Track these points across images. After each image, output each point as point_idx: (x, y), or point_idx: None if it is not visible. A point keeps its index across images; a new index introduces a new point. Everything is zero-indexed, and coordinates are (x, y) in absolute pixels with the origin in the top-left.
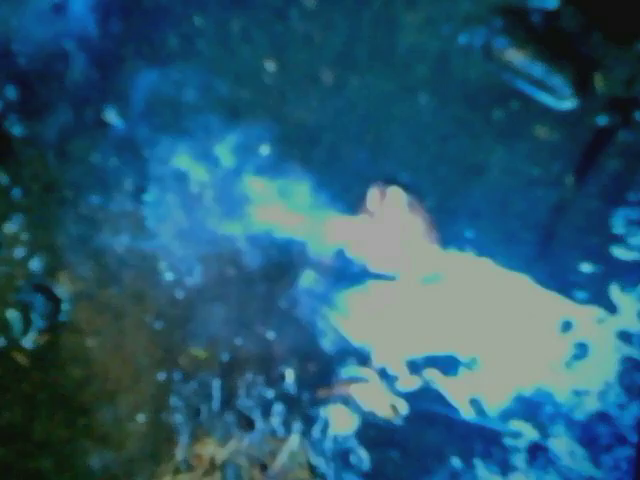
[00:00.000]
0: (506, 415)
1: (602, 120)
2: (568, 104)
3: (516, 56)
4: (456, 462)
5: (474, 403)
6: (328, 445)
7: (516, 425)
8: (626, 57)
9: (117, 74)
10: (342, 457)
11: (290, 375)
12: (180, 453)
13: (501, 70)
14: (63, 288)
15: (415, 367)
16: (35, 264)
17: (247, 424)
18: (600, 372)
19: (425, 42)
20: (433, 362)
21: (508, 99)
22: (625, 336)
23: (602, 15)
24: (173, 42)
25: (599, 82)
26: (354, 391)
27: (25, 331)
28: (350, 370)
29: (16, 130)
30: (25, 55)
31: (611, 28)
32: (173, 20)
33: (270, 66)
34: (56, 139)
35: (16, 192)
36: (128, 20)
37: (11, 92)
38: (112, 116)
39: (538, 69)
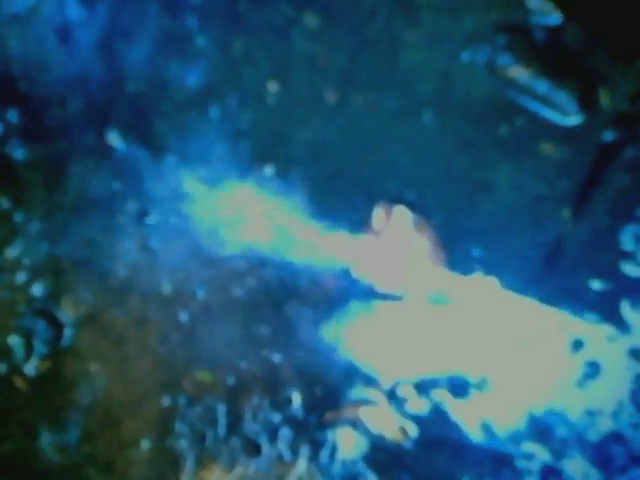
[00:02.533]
0: (517, 437)
1: (608, 136)
2: (573, 120)
3: (520, 73)
4: None
5: (484, 425)
6: (336, 470)
7: (528, 447)
8: (630, 72)
9: (119, 97)
10: None
11: (297, 398)
12: None
13: (505, 87)
14: (65, 313)
15: (424, 389)
16: (37, 289)
17: (253, 449)
18: (613, 391)
19: (428, 60)
20: (442, 383)
21: (513, 116)
22: (637, 354)
23: (605, 31)
24: (176, 63)
25: (604, 98)
26: (362, 414)
27: (27, 357)
28: (358, 392)
29: (18, 154)
30: (27, 78)
31: (614, 44)
32: (176, 42)
33: (273, 87)
34: (58, 162)
35: (18, 216)
36: (130, 43)
37: (13, 115)
38: (114, 139)
39: (542, 85)
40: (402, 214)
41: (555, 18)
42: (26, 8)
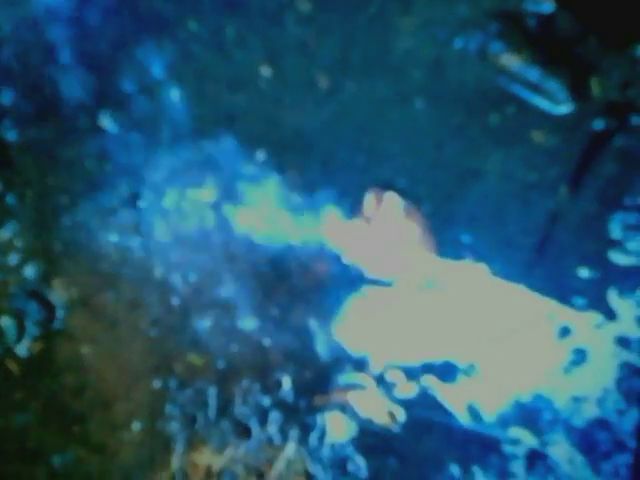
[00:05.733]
0: (504, 422)
1: (598, 124)
2: (564, 108)
3: (512, 60)
4: (454, 469)
5: (472, 410)
6: (325, 453)
7: (514, 432)
8: (621, 61)
9: (111, 79)
10: (339, 465)
11: (287, 382)
12: (176, 462)
13: (497, 75)
14: (57, 295)
15: (412, 374)
16: (29, 271)
17: (243, 432)
18: (599, 378)
19: (421, 47)
20: (430, 369)
21: (504, 104)
22: (624, 342)
23: (597, 19)
24: (168, 47)
25: (595, 86)
26: (351, 398)
27: (19, 339)
28: (347, 377)
29: (10, 136)
30: (19, 61)
31: (606, 32)
32: (168, 26)
33: (265, 71)
34: (50, 145)
35: (10, 198)
36: (123, 25)
37: (5, 98)
38: (107, 121)
39: (534, 73)
40: (393, 201)
41: (548, 6)
42: None
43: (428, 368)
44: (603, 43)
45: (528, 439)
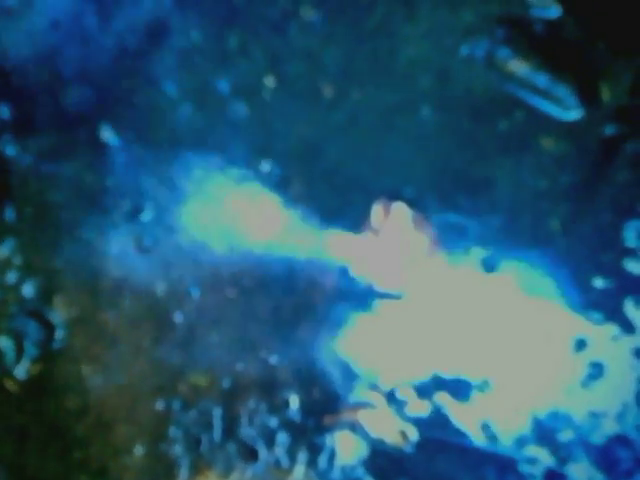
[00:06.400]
0: (520, 440)
1: (609, 130)
2: (574, 114)
3: (519, 66)
4: None
5: (486, 428)
6: (335, 475)
7: (531, 450)
8: (631, 66)
9: (113, 92)
10: None
11: (294, 401)
12: None
13: (505, 81)
14: (57, 313)
15: (424, 391)
16: (28, 289)
17: (250, 454)
18: (617, 392)
19: (427, 54)
20: (443, 385)
21: (512, 110)
22: None
23: (604, 24)
24: (170, 58)
25: (605, 92)
26: (361, 417)
27: (18, 360)
28: (357, 395)
29: (10, 150)
30: (20, 74)
31: (614, 37)
32: (171, 36)
33: (270, 81)
34: (51, 159)
35: (9, 214)
36: (125, 37)
37: (5, 111)
38: (108, 135)
39: (542, 79)
40: (401, 211)
41: (555, 11)
42: (19, 1)
43: (440, 385)
44: (611, 48)
45: (545, 458)
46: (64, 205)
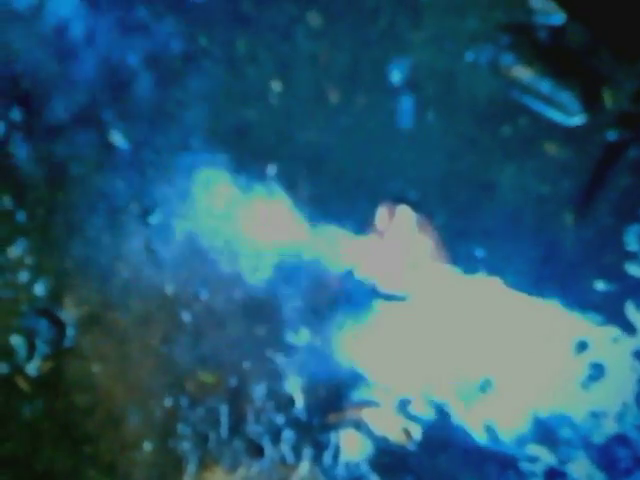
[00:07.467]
0: (522, 439)
1: (612, 136)
2: (577, 120)
3: (523, 73)
4: None
5: (488, 427)
6: (340, 472)
7: (532, 449)
8: (634, 72)
9: (122, 95)
10: None
11: (300, 400)
12: None
13: (509, 87)
14: (68, 313)
15: (427, 391)
16: (39, 288)
17: (256, 451)
18: (617, 393)
19: (431, 60)
20: (446, 385)
21: (516, 116)
22: None
23: (608, 30)
24: (178, 63)
25: (608, 97)
26: (366, 416)
27: (29, 357)
28: (361, 394)
29: (20, 153)
30: (29, 77)
31: (618, 43)
32: (179, 41)
33: (276, 86)
34: (61, 161)
35: (20, 215)
36: (133, 41)
37: (15, 114)
38: (118, 137)
39: (546, 85)
40: (405, 214)
41: (558, 18)
42: (29, 6)
43: (443, 384)
44: (615, 54)
45: (546, 456)
46: (74, 206)
